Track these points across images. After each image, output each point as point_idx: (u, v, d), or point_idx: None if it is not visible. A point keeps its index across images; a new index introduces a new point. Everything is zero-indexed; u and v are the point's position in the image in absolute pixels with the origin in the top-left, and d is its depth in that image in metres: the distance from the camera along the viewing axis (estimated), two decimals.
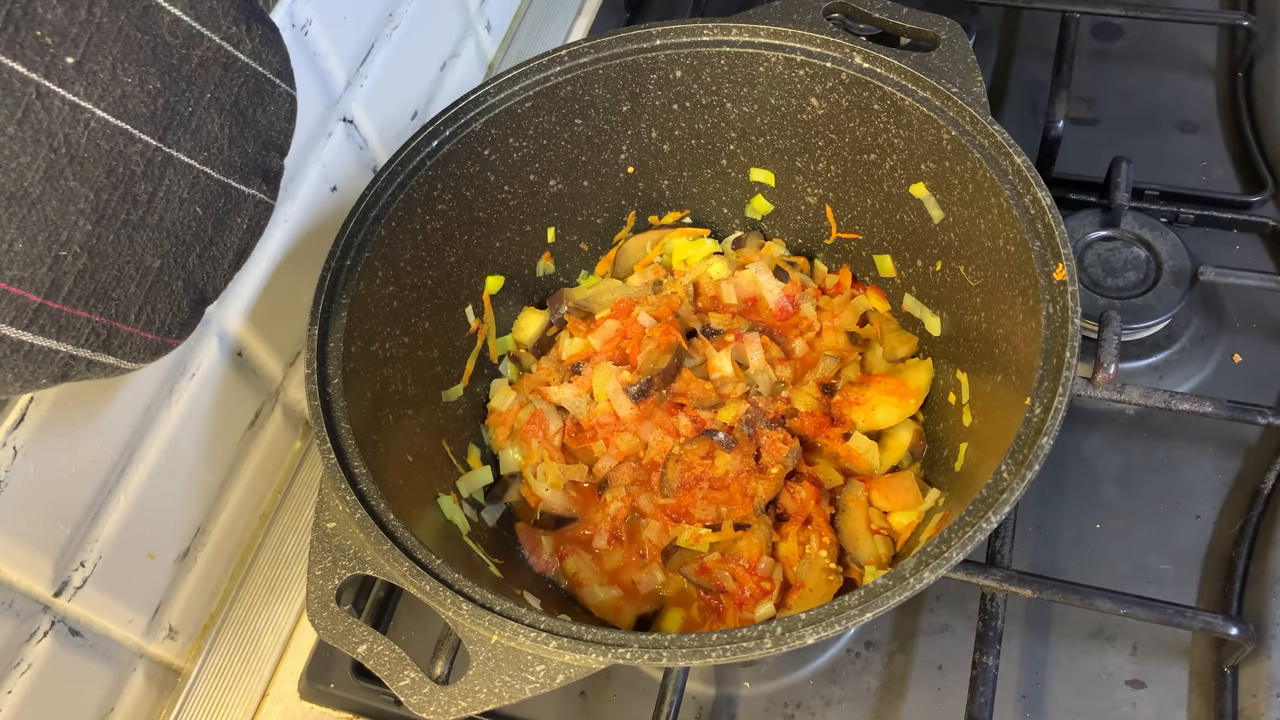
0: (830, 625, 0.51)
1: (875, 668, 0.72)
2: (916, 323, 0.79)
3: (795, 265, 0.85)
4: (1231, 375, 0.82)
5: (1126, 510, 0.77)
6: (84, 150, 0.47)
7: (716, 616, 0.70)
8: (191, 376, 0.72)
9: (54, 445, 0.61)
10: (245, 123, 0.55)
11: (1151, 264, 0.84)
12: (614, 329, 0.81)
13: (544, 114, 0.77)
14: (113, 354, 0.51)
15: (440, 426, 0.76)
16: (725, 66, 0.77)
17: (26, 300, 0.46)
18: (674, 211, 0.88)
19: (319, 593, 0.59)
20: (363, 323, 0.68)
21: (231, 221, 0.56)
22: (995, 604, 0.69)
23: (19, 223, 0.45)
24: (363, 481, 0.60)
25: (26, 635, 0.63)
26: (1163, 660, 0.70)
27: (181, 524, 0.75)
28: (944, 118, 0.69)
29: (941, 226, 0.74)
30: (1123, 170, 0.87)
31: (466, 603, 0.55)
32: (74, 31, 0.46)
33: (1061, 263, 0.61)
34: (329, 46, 0.78)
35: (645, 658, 0.52)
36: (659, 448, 0.75)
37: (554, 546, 0.75)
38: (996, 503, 0.54)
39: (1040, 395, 0.58)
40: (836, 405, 0.77)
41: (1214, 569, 0.74)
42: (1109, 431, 0.81)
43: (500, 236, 0.80)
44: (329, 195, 0.82)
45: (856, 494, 0.73)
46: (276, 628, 0.80)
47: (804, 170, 0.82)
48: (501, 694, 0.54)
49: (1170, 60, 1.03)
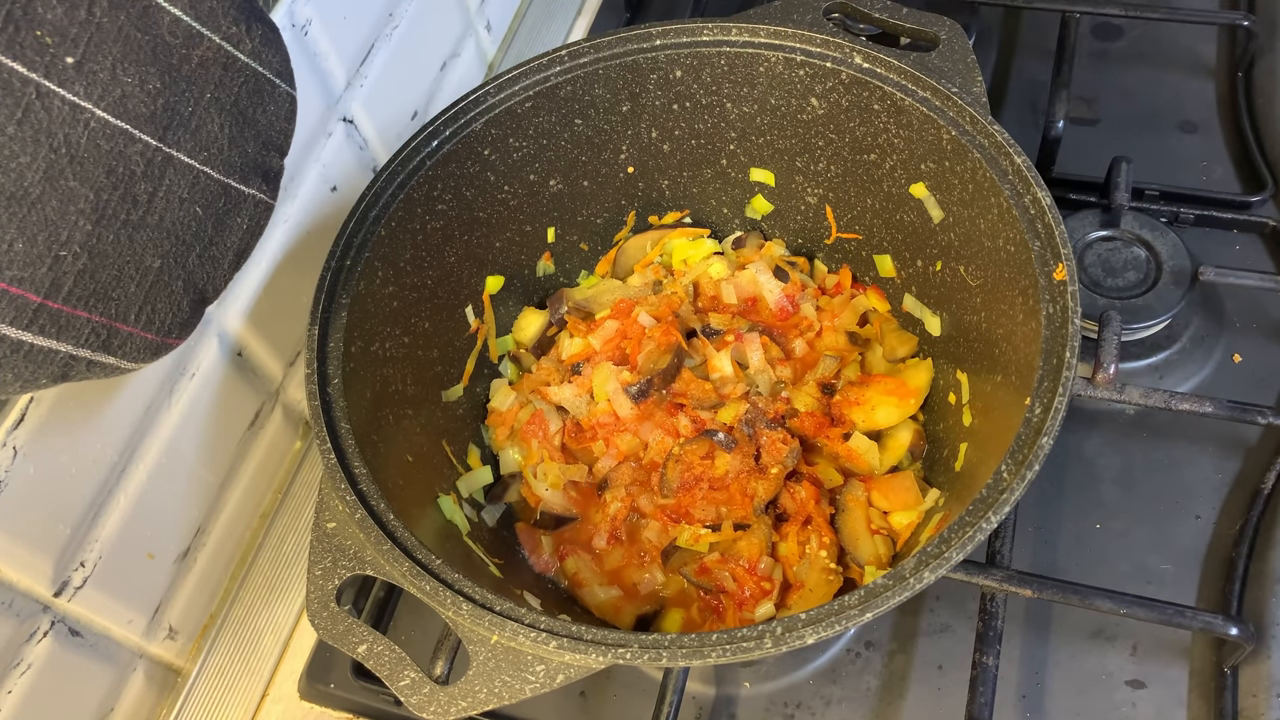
0: (830, 625, 0.51)
1: (875, 668, 0.72)
2: (916, 323, 0.79)
3: (795, 265, 0.85)
4: (1231, 375, 0.82)
5: (1126, 510, 0.77)
6: (84, 150, 0.47)
7: (716, 616, 0.70)
8: (191, 376, 0.72)
9: (54, 445, 0.61)
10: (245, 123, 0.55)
11: (1151, 264, 0.84)
12: (614, 329, 0.81)
13: (544, 114, 0.77)
14: (113, 354, 0.51)
15: (440, 426, 0.76)
16: (725, 66, 0.77)
17: (26, 300, 0.46)
18: (674, 211, 0.88)
19: (319, 593, 0.59)
20: (363, 323, 0.68)
21: (231, 221, 0.56)
22: (995, 604, 0.69)
23: (19, 223, 0.45)
24: (363, 481, 0.60)
25: (26, 635, 0.63)
26: (1163, 660, 0.70)
27: (181, 524, 0.75)
28: (944, 118, 0.69)
29: (941, 226, 0.74)
30: (1123, 170, 0.87)
31: (466, 603, 0.55)
32: (74, 31, 0.46)
33: (1061, 263, 0.61)
34: (329, 46, 0.78)
35: (645, 658, 0.52)
36: (659, 448, 0.75)
37: (554, 546, 0.75)
38: (996, 503, 0.54)
39: (1040, 395, 0.58)
40: (836, 405, 0.77)
41: (1214, 569, 0.74)
42: (1109, 431, 0.81)
43: (500, 236, 0.80)
44: (329, 195, 0.82)
45: (856, 494, 0.73)
46: (276, 628, 0.80)
47: (804, 170, 0.82)
48: (501, 694, 0.54)
49: (1170, 60, 1.03)
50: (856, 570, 0.70)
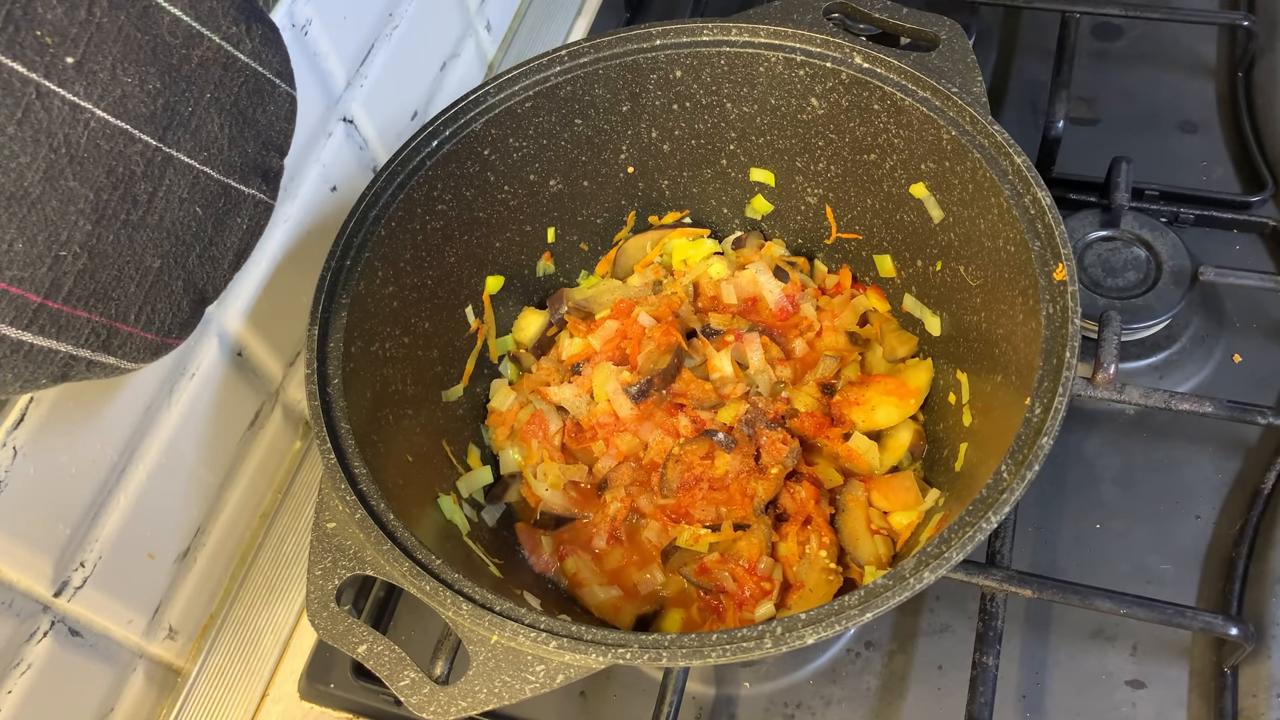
0: (830, 625, 0.51)
1: (875, 668, 0.72)
2: (916, 323, 0.79)
3: (795, 265, 0.85)
4: (1231, 375, 0.82)
5: (1126, 510, 0.77)
6: (84, 150, 0.47)
7: (716, 616, 0.70)
8: (191, 376, 0.72)
9: (54, 445, 0.61)
10: (245, 123, 0.55)
11: (1151, 264, 0.84)
12: (614, 329, 0.81)
13: (544, 114, 0.77)
14: (113, 354, 0.51)
15: (440, 426, 0.76)
16: (725, 66, 0.77)
17: (26, 300, 0.46)
18: (674, 211, 0.88)
19: (319, 593, 0.59)
20: (363, 323, 0.68)
21: (231, 221, 0.56)
22: (995, 604, 0.69)
23: (19, 223, 0.45)
24: (363, 481, 0.60)
25: (26, 635, 0.63)
26: (1163, 660, 0.70)
27: (181, 524, 0.75)
28: (944, 118, 0.69)
29: (941, 226, 0.74)
30: (1123, 170, 0.87)
31: (466, 603, 0.55)
32: (74, 31, 0.46)
33: (1061, 263, 0.61)
34: (329, 46, 0.78)
35: (645, 658, 0.52)
36: (659, 448, 0.75)
37: (554, 546, 0.75)
38: (996, 503, 0.54)
39: (1040, 395, 0.58)
40: (836, 405, 0.77)
41: (1214, 569, 0.74)
42: (1109, 431, 0.81)
43: (500, 236, 0.80)
44: (329, 195, 0.82)
45: (856, 494, 0.73)
46: (276, 628, 0.80)
47: (804, 170, 0.82)
48: (501, 694, 0.54)
49: (1170, 60, 1.03)
50: (856, 570, 0.70)
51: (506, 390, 0.81)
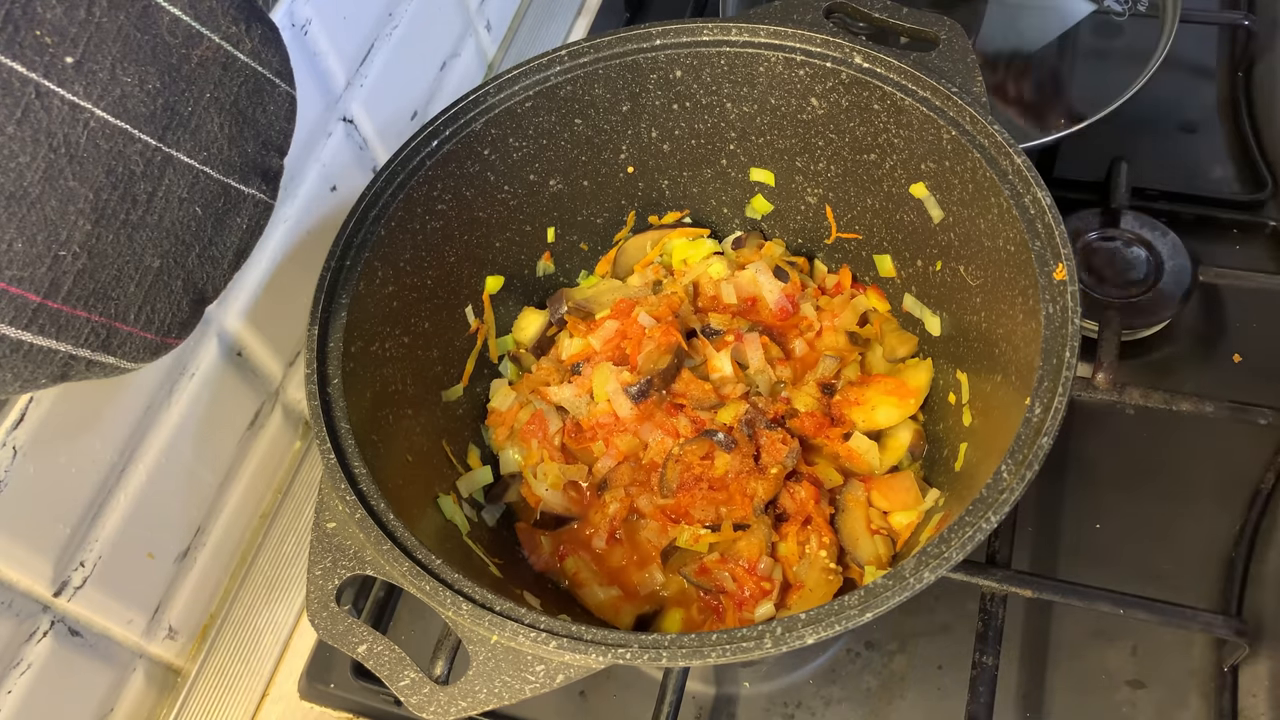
0: (830, 625, 0.51)
1: (875, 668, 0.72)
2: (916, 323, 0.79)
3: (795, 265, 0.85)
4: (1231, 375, 0.82)
5: (1126, 510, 0.77)
6: (83, 150, 0.47)
7: (716, 616, 0.70)
8: (191, 376, 0.72)
9: (54, 445, 0.61)
10: (245, 122, 0.55)
11: (1151, 264, 0.84)
12: (614, 329, 0.81)
13: (544, 114, 0.77)
14: (112, 354, 0.51)
15: (440, 426, 0.76)
16: (725, 66, 0.77)
17: (26, 300, 0.46)
18: (674, 211, 0.88)
19: (319, 593, 0.59)
20: (363, 323, 0.68)
21: (231, 221, 0.56)
22: (995, 604, 0.69)
23: (19, 222, 0.45)
24: (363, 481, 0.60)
25: (26, 635, 0.63)
26: (1163, 660, 0.70)
27: (181, 524, 0.75)
28: (944, 118, 0.69)
29: (941, 226, 0.74)
30: (1122, 170, 0.87)
31: (466, 603, 0.55)
32: (73, 31, 0.46)
33: (1061, 263, 0.61)
34: (329, 46, 0.78)
35: (645, 658, 0.52)
36: (658, 448, 0.75)
37: (554, 546, 0.75)
38: (996, 503, 0.54)
39: (1040, 395, 0.58)
40: (836, 405, 0.77)
41: (1214, 569, 0.74)
42: (1109, 431, 0.81)
43: (500, 236, 0.80)
44: (329, 195, 0.82)
45: (856, 494, 0.73)
46: (276, 628, 0.80)
47: (804, 170, 0.82)
48: (501, 694, 0.54)
49: (1170, 60, 1.03)
50: (856, 570, 0.70)
51: (506, 390, 0.81)
